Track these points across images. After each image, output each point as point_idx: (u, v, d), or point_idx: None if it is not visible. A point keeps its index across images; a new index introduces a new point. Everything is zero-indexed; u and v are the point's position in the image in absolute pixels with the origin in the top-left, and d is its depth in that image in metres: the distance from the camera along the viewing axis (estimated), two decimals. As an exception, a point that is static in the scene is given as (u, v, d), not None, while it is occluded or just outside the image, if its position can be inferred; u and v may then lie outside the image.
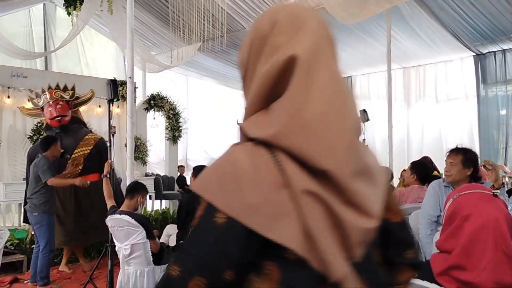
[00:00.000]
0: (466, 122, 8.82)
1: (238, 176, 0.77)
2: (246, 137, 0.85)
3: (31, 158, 5.23)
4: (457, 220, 1.63)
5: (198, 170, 4.60)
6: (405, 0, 6.08)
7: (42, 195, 4.77)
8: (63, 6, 8.76)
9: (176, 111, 11.24)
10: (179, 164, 11.36)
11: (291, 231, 0.74)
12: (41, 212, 4.77)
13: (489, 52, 8.35)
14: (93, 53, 10.90)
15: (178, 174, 10.83)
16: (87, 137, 5.55)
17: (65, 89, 5.66)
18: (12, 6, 8.33)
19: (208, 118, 13.30)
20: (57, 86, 5.62)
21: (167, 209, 8.65)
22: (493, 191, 1.67)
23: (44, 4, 9.93)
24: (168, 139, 11.30)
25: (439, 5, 6.71)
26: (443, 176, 3.50)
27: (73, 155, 5.30)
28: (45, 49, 9.87)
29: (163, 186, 10.11)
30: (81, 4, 8.13)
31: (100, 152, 5.35)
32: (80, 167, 5.31)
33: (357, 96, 10.59)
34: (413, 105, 9.68)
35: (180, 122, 11.39)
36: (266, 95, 0.83)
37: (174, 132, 11.17)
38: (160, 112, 11.09)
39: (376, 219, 0.82)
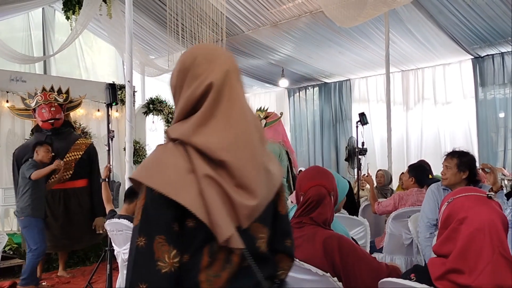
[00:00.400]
0: (464, 125, 8.82)
1: (161, 164, 1.13)
2: (168, 138, 1.19)
3: (17, 159, 5.30)
4: (453, 223, 1.63)
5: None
6: (403, 3, 6.09)
7: (27, 197, 4.78)
8: (62, 10, 8.78)
9: (175, 115, 11.23)
10: (178, 168, 11.34)
11: (194, 200, 1.07)
12: (27, 215, 4.76)
13: (488, 55, 8.37)
14: (92, 57, 10.91)
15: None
16: (78, 141, 5.52)
17: (59, 92, 5.63)
18: (11, 10, 8.34)
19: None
20: (52, 89, 5.59)
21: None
22: (488, 193, 1.67)
23: (43, 8, 9.94)
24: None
25: (437, 8, 6.73)
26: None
27: (64, 159, 5.22)
28: (44, 54, 9.88)
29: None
30: (80, 8, 8.15)
31: (91, 157, 5.44)
32: (71, 172, 5.28)
33: (356, 100, 10.62)
34: (412, 108, 9.69)
35: (179, 126, 11.39)
36: (188, 111, 1.16)
37: (173, 135, 11.18)
38: (159, 116, 11.08)
39: (258, 199, 1.12)
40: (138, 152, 9.60)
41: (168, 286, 1.07)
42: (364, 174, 5.72)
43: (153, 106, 10.80)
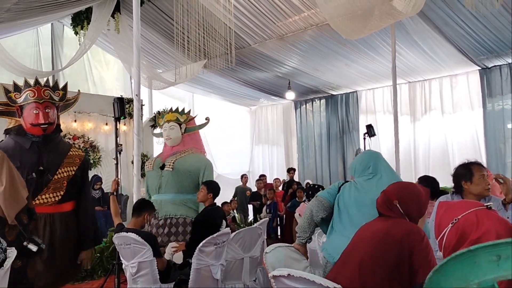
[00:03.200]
0: (472, 136, 8.78)
1: None
2: None
3: None
4: (466, 242, 1.60)
5: (209, 183, 4.60)
6: (409, 15, 6.10)
7: None
8: (71, 25, 8.90)
9: (182, 128, 11.28)
10: (185, 180, 11.34)
11: None
12: None
13: (495, 66, 8.35)
14: (100, 71, 11.02)
15: (185, 190, 10.81)
16: (71, 153, 4.06)
17: (55, 88, 4.07)
18: (21, 26, 8.46)
19: (214, 134, 13.33)
20: (47, 83, 4.05)
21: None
22: (486, 204, 1.66)
23: (51, 24, 10.08)
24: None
25: (443, 20, 6.74)
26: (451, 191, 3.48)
27: (55, 176, 3.81)
28: (53, 68, 9.99)
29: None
30: (88, 23, 8.26)
31: (83, 174, 4.12)
32: (61, 193, 3.81)
33: (363, 111, 10.61)
34: (419, 119, 9.67)
35: (186, 139, 11.42)
36: None
37: (180, 148, 11.20)
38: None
39: None
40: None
41: None
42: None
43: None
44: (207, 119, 5.73)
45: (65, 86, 4.14)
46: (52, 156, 3.90)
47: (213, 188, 4.52)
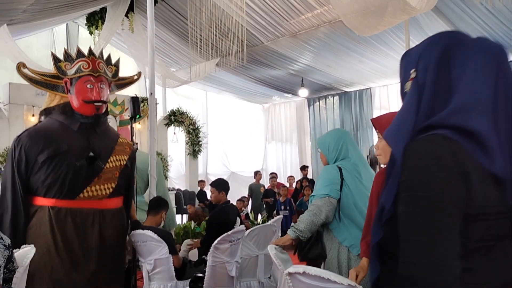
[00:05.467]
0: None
1: None
2: None
3: (28, 153, 3.00)
4: None
5: (217, 183, 4.63)
6: (423, 11, 6.06)
7: None
8: (85, 26, 9.01)
9: (196, 126, 11.35)
10: (199, 178, 11.43)
11: None
12: None
13: (511, 61, 8.24)
14: (114, 71, 11.11)
15: (199, 188, 10.89)
16: (120, 140, 3.43)
17: (108, 62, 3.39)
18: (36, 27, 8.59)
19: (227, 132, 13.40)
20: (101, 54, 3.31)
21: (188, 223, 8.68)
22: None
23: (66, 24, 10.20)
24: (188, 154, 11.40)
25: (457, 15, 6.67)
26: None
27: (107, 165, 3.18)
28: (68, 68, 10.11)
29: (184, 200, 10.17)
30: (102, 23, 8.36)
31: (132, 166, 3.53)
32: (113, 185, 3.18)
33: (377, 108, 10.54)
34: (434, 115, 9.59)
35: (200, 137, 11.51)
36: None
37: (194, 146, 11.29)
38: (180, 127, 11.21)
39: None
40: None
41: None
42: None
43: (174, 117, 10.94)
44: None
45: (118, 61, 3.52)
46: (103, 141, 3.23)
47: (223, 186, 4.54)
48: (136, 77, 3.85)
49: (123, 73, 3.67)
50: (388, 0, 5.88)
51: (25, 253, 2.80)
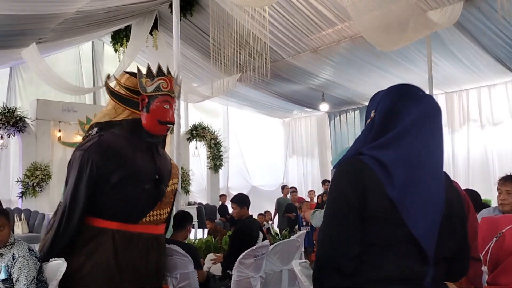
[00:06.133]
0: (513, 146, 8.55)
1: None
2: None
3: (98, 167, 2.71)
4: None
5: (238, 199, 4.67)
6: (444, 26, 6.06)
7: None
8: (110, 43, 9.24)
9: (217, 141, 11.45)
10: (220, 193, 11.48)
11: None
12: None
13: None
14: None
15: (220, 203, 10.94)
16: (172, 162, 3.26)
17: (176, 81, 3.16)
18: (63, 45, 8.86)
19: (248, 146, 13.46)
20: (169, 72, 3.08)
21: (210, 238, 8.73)
22: None
23: (92, 42, 10.48)
24: (209, 168, 11.49)
25: (480, 30, 6.64)
26: (493, 205, 3.43)
27: (168, 189, 2.99)
28: (94, 85, 10.36)
29: (205, 214, 10.23)
30: (127, 41, 8.56)
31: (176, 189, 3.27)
32: (168, 210, 3.04)
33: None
34: (458, 130, 9.50)
35: (221, 151, 11.60)
36: None
37: (216, 161, 11.37)
38: (201, 141, 11.32)
39: None
40: (182, 178, 9.81)
41: None
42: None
43: (196, 132, 11.06)
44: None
45: (181, 81, 3.40)
46: (165, 164, 3.06)
47: (244, 202, 4.57)
48: None
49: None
50: (409, 15, 5.91)
51: (57, 266, 2.86)
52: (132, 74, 2.95)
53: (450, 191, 1.41)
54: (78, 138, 6.34)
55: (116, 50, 9.09)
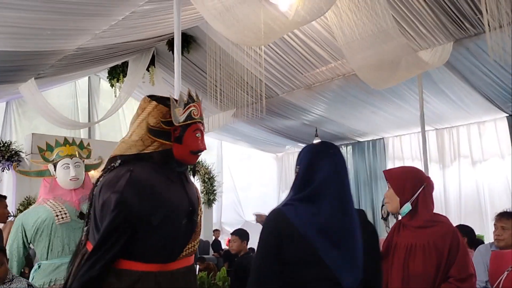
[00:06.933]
0: (504, 182, 8.67)
1: None
2: None
3: (132, 208, 2.42)
4: None
5: (241, 232, 4.67)
6: (435, 66, 6.26)
7: None
8: (107, 78, 9.36)
9: (211, 175, 11.46)
10: (214, 228, 11.42)
11: None
12: None
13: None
14: (132, 121, 11.40)
15: (213, 238, 10.87)
16: (195, 186, 2.97)
17: None
18: (60, 80, 8.95)
19: (241, 181, 13.47)
20: (197, 97, 2.77)
21: (203, 274, 8.62)
22: None
23: (89, 77, 10.59)
24: (203, 203, 11.46)
25: (469, 69, 6.86)
26: (485, 240, 3.49)
27: (198, 219, 2.77)
28: (89, 119, 10.41)
29: (198, 250, 10.14)
30: (124, 76, 8.68)
31: None
32: (198, 239, 2.76)
33: (390, 158, 10.57)
34: (449, 166, 9.63)
35: (214, 186, 11.59)
36: None
37: (209, 195, 11.35)
38: (195, 176, 11.32)
39: None
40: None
41: None
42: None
43: (190, 167, 11.06)
44: (100, 158, 4.08)
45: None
46: (194, 192, 2.77)
47: (246, 236, 4.59)
48: None
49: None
50: (401, 55, 6.09)
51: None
52: (156, 99, 2.61)
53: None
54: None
55: (112, 85, 9.19)
